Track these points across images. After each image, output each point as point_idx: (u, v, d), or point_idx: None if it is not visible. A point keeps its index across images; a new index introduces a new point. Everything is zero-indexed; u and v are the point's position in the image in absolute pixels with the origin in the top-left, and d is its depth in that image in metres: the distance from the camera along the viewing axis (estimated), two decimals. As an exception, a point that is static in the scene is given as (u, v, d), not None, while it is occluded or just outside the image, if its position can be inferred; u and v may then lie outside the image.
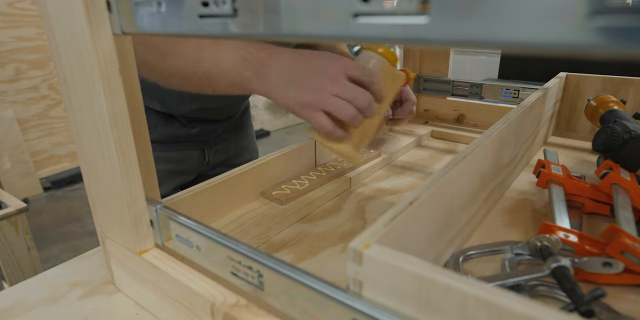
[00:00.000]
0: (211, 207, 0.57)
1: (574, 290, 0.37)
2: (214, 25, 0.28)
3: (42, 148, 2.65)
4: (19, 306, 0.43)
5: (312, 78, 0.49)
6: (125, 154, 0.37)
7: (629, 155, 0.56)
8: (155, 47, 0.50)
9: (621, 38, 0.15)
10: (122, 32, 0.33)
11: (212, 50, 0.49)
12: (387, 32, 0.21)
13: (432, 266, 0.26)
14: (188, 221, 0.38)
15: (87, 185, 0.43)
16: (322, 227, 0.58)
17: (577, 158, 0.77)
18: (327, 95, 0.49)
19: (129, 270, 0.43)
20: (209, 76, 0.50)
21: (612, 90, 0.83)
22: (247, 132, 0.95)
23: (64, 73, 0.37)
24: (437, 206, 0.40)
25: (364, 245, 0.28)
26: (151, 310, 0.43)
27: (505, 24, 0.17)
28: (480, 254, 0.48)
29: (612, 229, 0.44)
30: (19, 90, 2.49)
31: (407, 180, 0.72)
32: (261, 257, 0.33)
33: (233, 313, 0.33)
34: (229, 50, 0.49)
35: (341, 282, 0.29)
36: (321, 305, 0.29)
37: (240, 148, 0.93)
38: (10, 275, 1.21)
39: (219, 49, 0.49)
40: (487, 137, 0.50)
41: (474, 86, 0.94)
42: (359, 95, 0.50)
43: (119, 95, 0.35)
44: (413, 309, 0.27)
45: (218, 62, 0.49)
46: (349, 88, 0.50)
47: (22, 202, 1.21)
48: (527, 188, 0.65)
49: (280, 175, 0.66)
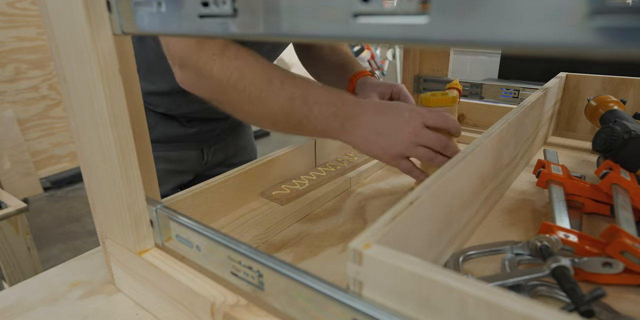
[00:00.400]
0: (211, 207, 0.57)
1: (574, 290, 0.37)
2: (214, 25, 0.28)
3: (42, 148, 2.65)
4: (19, 306, 0.43)
5: (396, 131, 0.55)
6: (125, 154, 0.37)
7: (629, 155, 0.56)
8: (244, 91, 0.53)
9: (621, 38, 0.15)
10: (122, 32, 0.33)
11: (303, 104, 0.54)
12: (387, 32, 0.21)
13: (432, 266, 0.26)
14: (188, 221, 0.38)
15: (87, 185, 0.43)
16: (322, 227, 0.58)
17: (577, 158, 0.77)
18: (411, 146, 0.55)
19: (129, 270, 0.43)
20: (299, 125, 0.55)
21: (612, 90, 0.83)
22: (245, 132, 0.96)
23: (64, 73, 0.37)
24: (437, 206, 0.40)
25: (364, 245, 0.28)
26: (151, 310, 0.43)
27: (505, 24, 0.17)
28: (480, 254, 0.48)
29: (612, 229, 0.44)
30: (19, 90, 2.49)
31: (407, 180, 0.71)
32: (261, 257, 0.33)
33: (233, 313, 0.33)
34: (322, 105, 0.54)
35: (341, 282, 0.29)
36: (321, 305, 0.29)
37: (238, 148, 0.94)
38: (10, 275, 1.21)
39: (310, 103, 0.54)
40: (487, 137, 0.50)
41: (474, 86, 0.94)
42: (436, 141, 0.56)
43: (119, 95, 0.35)
44: (413, 309, 0.27)
45: (308, 114, 0.54)
46: (427, 136, 0.55)
47: (22, 202, 1.21)
48: (527, 188, 0.65)
49: (280, 175, 0.66)
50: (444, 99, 0.60)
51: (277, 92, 0.53)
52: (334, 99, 0.55)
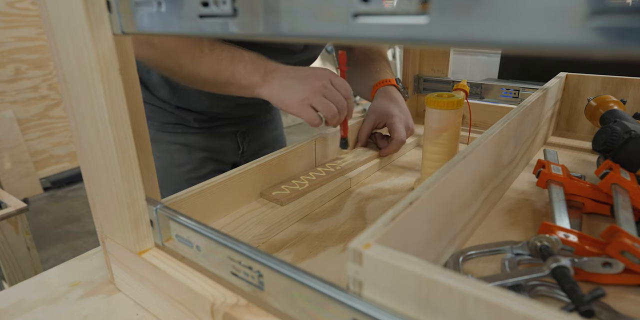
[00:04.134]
0: (211, 207, 0.57)
1: (574, 290, 0.37)
2: (214, 25, 0.28)
3: (42, 148, 2.65)
4: (19, 306, 0.43)
5: (306, 82, 0.63)
6: (125, 153, 0.37)
7: (629, 155, 0.56)
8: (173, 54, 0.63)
9: (621, 38, 0.15)
10: (122, 32, 0.33)
11: (229, 63, 0.63)
12: (387, 32, 0.21)
13: (432, 266, 0.26)
14: (188, 221, 0.38)
15: (87, 185, 0.43)
16: (322, 227, 0.58)
17: (577, 158, 0.77)
18: (317, 95, 0.62)
19: (129, 270, 0.43)
20: (226, 83, 0.64)
21: (612, 90, 0.83)
22: (277, 124, 1.02)
23: (64, 73, 0.37)
24: (437, 206, 0.40)
25: (364, 245, 0.28)
26: (151, 310, 0.43)
27: (505, 24, 0.17)
28: (480, 254, 0.48)
29: (612, 229, 0.44)
30: (19, 90, 2.49)
31: (407, 180, 0.72)
32: (261, 257, 0.33)
33: (233, 313, 0.33)
34: (247, 62, 0.63)
35: (341, 282, 0.29)
36: (321, 305, 0.29)
37: (271, 139, 0.99)
38: (10, 275, 1.21)
39: (235, 62, 0.63)
40: (487, 137, 0.50)
41: (474, 86, 0.94)
42: (339, 98, 0.64)
43: (119, 95, 0.35)
44: (413, 309, 0.27)
45: (234, 71, 0.63)
46: (333, 92, 0.64)
47: (22, 202, 1.20)
48: (527, 188, 0.65)
49: (280, 175, 0.66)
50: (450, 102, 0.60)
51: (207, 56, 0.63)
52: (256, 58, 0.64)
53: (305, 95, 0.62)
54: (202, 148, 0.86)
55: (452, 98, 0.61)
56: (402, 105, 0.81)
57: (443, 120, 0.62)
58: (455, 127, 0.63)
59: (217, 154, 0.89)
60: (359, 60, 0.90)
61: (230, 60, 0.63)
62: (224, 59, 0.63)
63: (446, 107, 0.61)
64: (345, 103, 0.65)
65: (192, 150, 0.85)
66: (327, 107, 0.63)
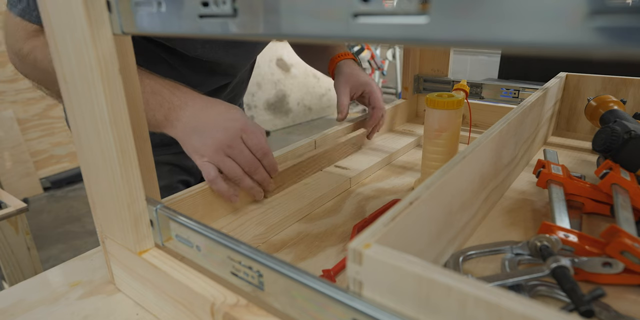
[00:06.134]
0: (211, 207, 0.57)
1: (574, 290, 0.37)
2: (214, 25, 0.28)
3: (42, 148, 2.65)
4: (19, 306, 0.43)
5: (213, 134, 0.54)
6: (125, 153, 0.37)
7: (629, 155, 0.56)
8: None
9: (621, 38, 0.15)
10: (122, 32, 0.33)
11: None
12: (387, 32, 0.21)
13: (432, 266, 0.26)
14: (188, 221, 0.38)
15: (87, 185, 0.43)
16: (322, 227, 0.58)
17: (577, 158, 0.77)
18: (219, 154, 0.54)
19: (129, 270, 0.43)
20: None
21: (612, 90, 0.83)
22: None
23: (64, 73, 0.37)
24: (437, 206, 0.40)
25: (364, 245, 0.28)
26: (151, 310, 0.43)
27: (505, 24, 0.17)
28: (480, 254, 0.48)
29: (612, 229, 0.44)
30: (19, 90, 2.49)
31: (407, 180, 0.72)
32: (261, 257, 0.33)
33: (233, 313, 0.33)
34: (148, 94, 0.54)
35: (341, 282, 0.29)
36: (321, 305, 0.29)
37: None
38: (10, 275, 1.21)
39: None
40: (487, 137, 0.50)
41: (474, 86, 0.94)
42: (247, 160, 0.55)
43: (119, 95, 0.35)
44: (413, 309, 0.27)
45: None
46: (240, 152, 0.55)
47: (22, 202, 1.21)
48: (527, 188, 0.65)
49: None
50: (450, 102, 0.60)
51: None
52: (161, 88, 0.54)
53: (205, 152, 0.54)
54: (168, 162, 0.81)
55: (452, 98, 0.61)
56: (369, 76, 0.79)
57: (443, 120, 0.62)
58: (455, 127, 0.63)
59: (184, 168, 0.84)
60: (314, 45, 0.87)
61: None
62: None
63: (446, 107, 0.61)
64: (256, 164, 0.56)
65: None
66: (231, 170, 0.55)
